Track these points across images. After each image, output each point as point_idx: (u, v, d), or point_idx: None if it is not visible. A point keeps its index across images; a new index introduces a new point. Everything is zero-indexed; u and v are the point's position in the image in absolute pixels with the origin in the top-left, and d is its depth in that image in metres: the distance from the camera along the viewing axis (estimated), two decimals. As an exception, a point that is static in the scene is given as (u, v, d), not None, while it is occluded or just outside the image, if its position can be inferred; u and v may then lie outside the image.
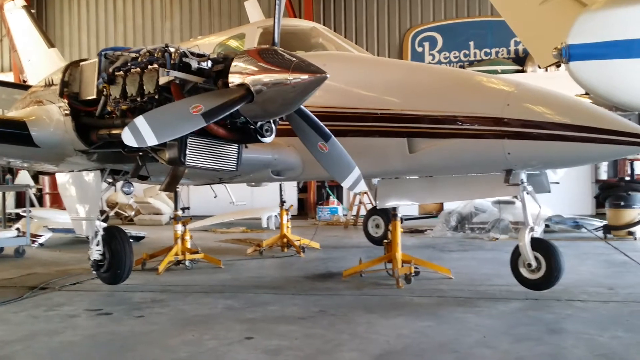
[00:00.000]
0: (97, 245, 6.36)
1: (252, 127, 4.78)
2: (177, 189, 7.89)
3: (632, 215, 10.01)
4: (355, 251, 9.23)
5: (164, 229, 13.67)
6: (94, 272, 6.58)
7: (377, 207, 6.95)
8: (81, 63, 5.56)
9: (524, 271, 5.59)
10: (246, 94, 4.32)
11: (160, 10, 20.91)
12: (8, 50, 20.81)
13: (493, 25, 17.29)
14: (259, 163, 6.44)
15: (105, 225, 6.57)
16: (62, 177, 6.62)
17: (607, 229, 10.27)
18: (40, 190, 18.17)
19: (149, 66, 4.74)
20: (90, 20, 21.80)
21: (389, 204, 6.45)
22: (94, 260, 6.39)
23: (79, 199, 6.43)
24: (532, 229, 5.52)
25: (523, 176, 5.39)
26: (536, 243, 5.54)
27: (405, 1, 18.48)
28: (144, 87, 4.76)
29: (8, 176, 18.99)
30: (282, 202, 9.71)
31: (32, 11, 13.61)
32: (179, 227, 7.89)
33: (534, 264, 5.48)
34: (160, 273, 7.33)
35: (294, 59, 4.31)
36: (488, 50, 17.73)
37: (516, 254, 5.62)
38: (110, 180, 6.59)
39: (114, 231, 6.56)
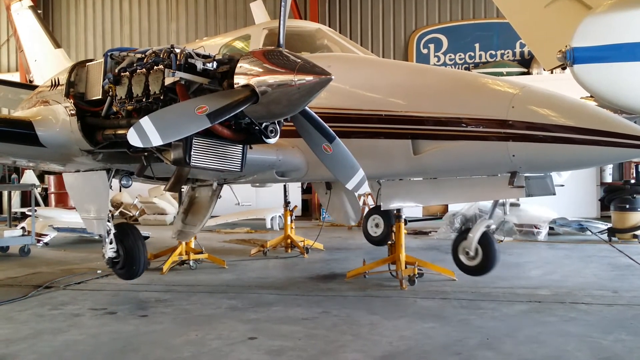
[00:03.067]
0: (111, 243, 6.39)
1: (256, 128, 4.79)
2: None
3: (637, 218, 9.99)
4: (359, 252, 9.23)
5: (169, 229, 13.64)
6: (110, 269, 6.60)
7: (382, 209, 6.96)
8: (87, 63, 5.59)
9: (463, 258, 6.14)
10: (251, 95, 4.32)
11: (166, 11, 20.96)
12: (15, 50, 20.93)
13: (498, 27, 17.23)
14: (264, 164, 6.45)
15: (117, 222, 6.60)
16: (69, 177, 6.65)
17: (611, 231, 10.23)
18: (45, 189, 18.23)
19: (155, 67, 4.75)
20: (96, 21, 21.88)
21: (393, 205, 6.44)
22: (109, 257, 6.42)
23: (88, 198, 6.46)
24: (488, 226, 6.07)
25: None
26: (482, 237, 6.05)
27: (410, 3, 18.45)
28: (150, 88, 4.78)
29: (14, 175, 19.10)
30: (287, 203, 9.72)
31: (39, 12, 13.69)
32: (184, 227, 7.90)
33: (472, 253, 6.02)
34: (164, 273, 7.36)
35: (299, 60, 4.32)
36: (493, 52, 17.68)
37: (459, 240, 6.15)
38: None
39: (126, 228, 6.58)
